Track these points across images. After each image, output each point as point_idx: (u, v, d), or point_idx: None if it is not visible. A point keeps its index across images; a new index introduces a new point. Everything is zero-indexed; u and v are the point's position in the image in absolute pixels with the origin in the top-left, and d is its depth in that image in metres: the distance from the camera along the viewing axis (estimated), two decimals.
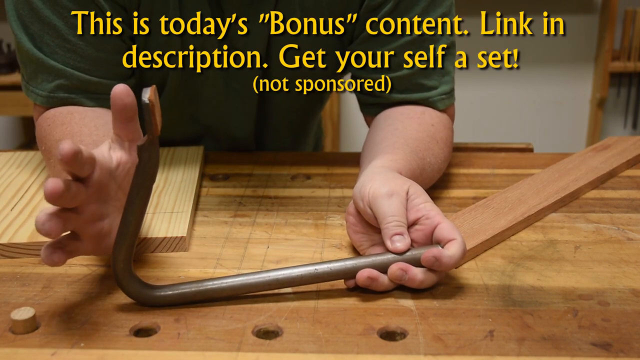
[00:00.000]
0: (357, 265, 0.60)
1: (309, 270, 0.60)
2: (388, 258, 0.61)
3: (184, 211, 0.75)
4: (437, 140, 0.80)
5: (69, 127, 0.76)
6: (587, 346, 0.54)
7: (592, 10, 2.54)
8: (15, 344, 0.54)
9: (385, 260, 0.61)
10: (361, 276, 0.59)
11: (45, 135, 0.78)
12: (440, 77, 0.85)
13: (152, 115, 0.53)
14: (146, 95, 0.53)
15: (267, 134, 1.02)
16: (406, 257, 0.61)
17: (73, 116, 0.78)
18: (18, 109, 2.24)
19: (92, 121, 0.76)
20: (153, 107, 0.53)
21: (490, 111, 2.68)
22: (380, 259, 0.61)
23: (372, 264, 0.60)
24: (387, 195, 0.63)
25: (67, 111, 0.79)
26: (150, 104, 0.53)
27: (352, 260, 0.61)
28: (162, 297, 0.59)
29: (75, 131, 0.75)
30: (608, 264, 0.67)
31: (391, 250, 0.61)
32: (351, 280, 0.61)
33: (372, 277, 0.59)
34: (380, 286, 0.60)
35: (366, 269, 0.60)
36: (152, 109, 0.53)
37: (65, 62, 0.78)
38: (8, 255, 0.68)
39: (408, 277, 0.59)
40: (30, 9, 0.77)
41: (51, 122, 0.79)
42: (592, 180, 0.85)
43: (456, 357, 0.52)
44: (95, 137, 0.74)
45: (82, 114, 0.78)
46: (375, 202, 0.63)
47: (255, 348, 0.54)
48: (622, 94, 2.64)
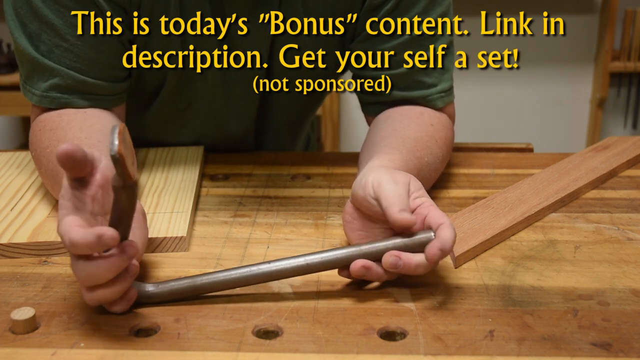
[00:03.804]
0: (349, 254, 0.60)
1: (299, 262, 0.60)
2: (379, 246, 0.60)
3: (184, 211, 0.75)
4: (435, 140, 0.80)
5: (55, 132, 0.76)
6: (587, 346, 0.54)
7: (592, 10, 2.54)
8: (15, 344, 0.54)
9: (378, 248, 0.60)
10: (355, 266, 0.59)
11: (35, 141, 0.78)
12: (440, 75, 0.85)
13: (123, 166, 0.50)
14: (114, 146, 0.49)
15: (267, 134, 1.02)
16: (397, 243, 0.60)
17: (62, 119, 0.77)
18: (18, 109, 2.23)
19: (78, 124, 0.76)
20: (123, 159, 0.50)
21: (490, 111, 2.68)
22: (372, 247, 0.60)
23: (365, 253, 0.60)
24: (392, 181, 0.63)
25: (57, 115, 0.78)
26: (119, 157, 0.49)
27: (343, 249, 0.61)
28: (155, 293, 0.59)
29: (61, 136, 0.75)
30: (608, 264, 0.67)
31: (399, 220, 0.59)
32: (345, 270, 0.61)
33: (366, 266, 0.59)
34: (374, 275, 0.60)
35: (360, 259, 0.59)
36: (122, 160, 0.50)
37: (61, 62, 0.78)
38: (8, 255, 0.68)
39: (402, 262, 0.59)
40: (29, 8, 0.76)
41: (42, 126, 0.78)
42: (592, 180, 0.85)
43: (456, 357, 0.52)
44: (77, 140, 0.73)
45: (70, 116, 0.78)
46: (380, 187, 0.63)
47: (255, 348, 0.54)
48: (622, 94, 2.64)
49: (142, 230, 0.62)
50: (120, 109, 0.85)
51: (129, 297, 0.58)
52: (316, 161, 0.96)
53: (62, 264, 0.67)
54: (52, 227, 0.72)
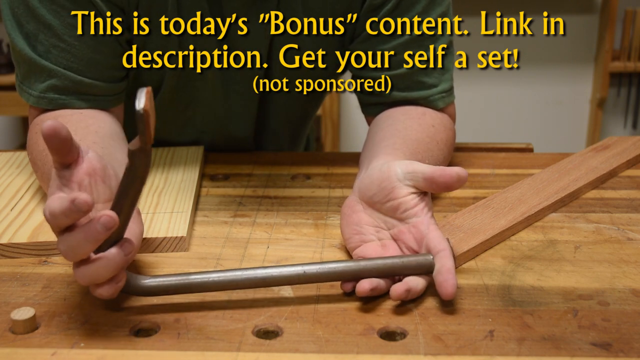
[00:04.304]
0: (349, 268, 0.59)
1: (297, 271, 0.59)
2: (377, 263, 0.60)
3: (184, 211, 0.75)
4: (437, 142, 0.80)
5: None
6: (587, 346, 0.54)
7: (592, 10, 2.54)
8: (15, 344, 0.54)
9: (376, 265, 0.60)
10: (363, 289, 0.58)
11: (32, 144, 0.78)
12: (441, 75, 0.85)
13: (146, 125, 0.49)
14: (141, 103, 0.48)
15: (267, 135, 1.02)
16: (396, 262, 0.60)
17: None
18: (18, 109, 2.24)
19: (73, 125, 0.75)
20: (148, 117, 0.49)
21: (490, 111, 2.68)
22: (370, 263, 0.60)
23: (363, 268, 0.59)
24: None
25: (54, 116, 0.78)
26: (145, 113, 0.48)
27: (342, 263, 0.60)
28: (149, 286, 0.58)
29: None
30: (608, 264, 0.67)
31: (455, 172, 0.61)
32: (348, 285, 0.60)
33: (373, 288, 0.59)
34: (379, 292, 0.60)
35: (366, 280, 0.59)
36: (146, 118, 0.48)
37: (59, 63, 0.78)
38: (8, 255, 0.68)
39: (411, 294, 0.59)
40: (26, 8, 0.76)
41: (38, 129, 0.78)
42: (592, 180, 0.85)
43: (456, 357, 0.52)
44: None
45: (67, 118, 0.77)
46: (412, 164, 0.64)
47: (255, 348, 0.54)
48: (622, 94, 2.64)
49: (138, 225, 0.61)
50: (118, 110, 0.85)
51: (116, 279, 0.55)
52: (316, 161, 0.96)
53: (62, 264, 0.67)
54: None
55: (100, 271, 0.54)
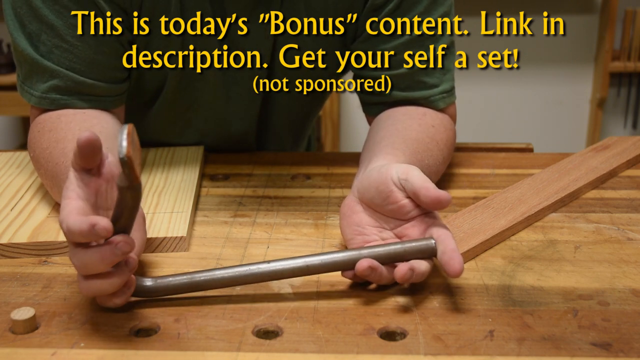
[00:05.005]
0: (349, 258, 0.60)
1: (298, 263, 0.59)
2: (378, 251, 0.60)
3: (184, 211, 0.75)
4: (437, 142, 0.80)
5: (55, 133, 0.75)
6: (587, 346, 0.54)
7: (592, 10, 2.54)
8: (15, 344, 0.54)
9: (378, 253, 0.60)
10: (361, 266, 0.58)
11: (34, 142, 0.78)
12: (442, 75, 0.85)
13: (130, 168, 0.49)
14: (123, 149, 0.48)
15: (268, 135, 1.02)
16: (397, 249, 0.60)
17: (60, 120, 0.77)
18: (18, 109, 2.24)
19: (77, 125, 0.76)
20: (132, 161, 0.49)
21: (490, 111, 2.68)
22: (372, 252, 0.60)
23: (365, 256, 0.60)
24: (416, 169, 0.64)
25: (56, 115, 0.78)
26: (128, 159, 0.48)
27: (343, 252, 0.60)
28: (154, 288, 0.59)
29: (60, 137, 0.74)
30: (608, 264, 0.67)
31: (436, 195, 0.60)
32: (349, 271, 0.61)
33: (372, 266, 0.59)
34: (377, 277, 0.60)
35: (366, 259, 0.59)
36: (130, 162, 0.49)
37: (61, 63, 0.78)
38: (8, 255, 0.68)
39: (415, 274, 0.59)
40: (29, 8, 0.76)
41: (41, 127, 0.78)
42: (592, 180, 0.85)
43: (456, 357, 0.52)
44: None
45: (70, 117, 0.78)
46: (409, 171, 0.64)
47: (255, 348, 0.54)
48: (622, 94, 2.64)
49: (141, 232, 0.62)
50: (119, 110, 0.85)
51: (128, 286, 0.57)
52: (316, 161, 0.96)
53: (62, 264, 0.67)
54: (52, 227, 0.72)
55: (106, 287, 0.55)
